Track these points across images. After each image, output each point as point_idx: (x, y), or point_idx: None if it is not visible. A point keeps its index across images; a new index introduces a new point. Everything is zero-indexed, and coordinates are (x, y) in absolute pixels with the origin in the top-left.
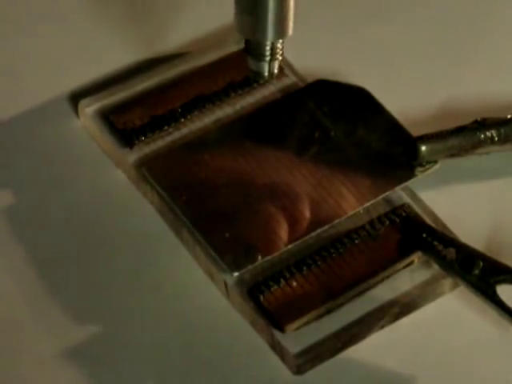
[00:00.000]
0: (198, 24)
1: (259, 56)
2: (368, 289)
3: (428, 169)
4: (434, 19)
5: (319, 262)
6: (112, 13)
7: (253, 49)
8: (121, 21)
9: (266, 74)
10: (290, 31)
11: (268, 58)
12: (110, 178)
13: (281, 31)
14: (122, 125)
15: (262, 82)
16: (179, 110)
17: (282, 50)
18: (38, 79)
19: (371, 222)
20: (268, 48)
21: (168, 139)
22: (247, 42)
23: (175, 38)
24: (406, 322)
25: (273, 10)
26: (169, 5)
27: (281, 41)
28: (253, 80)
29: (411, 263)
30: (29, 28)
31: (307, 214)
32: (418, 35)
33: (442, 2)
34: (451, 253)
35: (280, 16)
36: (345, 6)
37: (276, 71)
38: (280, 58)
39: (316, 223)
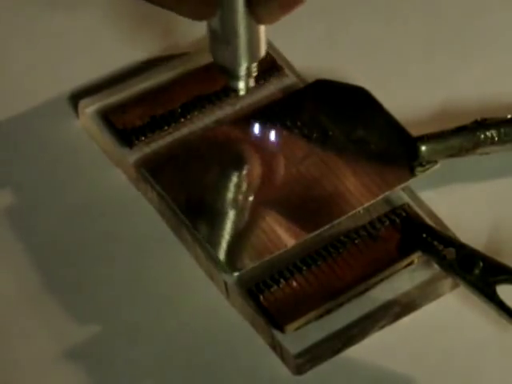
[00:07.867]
0: (198, 24)
1: (235, 77)
2: (368, 289)
3: (428, 169)
4: (434, 19)
5: (319, 262)
6: (112, 13)
7: (228, 71)
8: (121, 21)
9: (243, 91)
10: (263, 53)
11: (244, 78)
12: (110, 178)
13: (253, 56)
14: (122, 125)
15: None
16: (179, 110)
17: (256, 67)
18: (38, 79)
19: (371, 222)
20: (243, 69)
21: (168, 139)
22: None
23: (175, 38)
24: (406, 322)
25: (244, 37)
26: None
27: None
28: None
29: (411, 263)
30: (28, 28)
31: (307, 214)
32: (417, 35)
33: (442, 2)
34: (451, 253)
35: (252, 42)
36: (345, 7)
37: (252, 85)
38: (255, 74)
39: (316, 223)
